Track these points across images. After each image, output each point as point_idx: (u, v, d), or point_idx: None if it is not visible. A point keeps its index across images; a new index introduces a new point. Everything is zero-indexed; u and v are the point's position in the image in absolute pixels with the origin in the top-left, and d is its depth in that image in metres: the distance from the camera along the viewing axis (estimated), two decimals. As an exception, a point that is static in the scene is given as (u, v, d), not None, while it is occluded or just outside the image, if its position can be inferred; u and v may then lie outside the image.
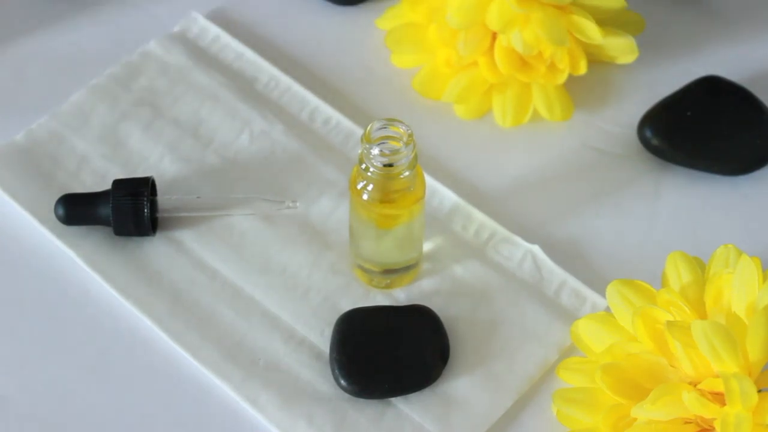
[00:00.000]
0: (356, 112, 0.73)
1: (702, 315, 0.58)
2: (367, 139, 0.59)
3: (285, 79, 0.74)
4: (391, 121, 0.59)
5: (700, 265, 0.60)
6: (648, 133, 0.70)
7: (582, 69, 0.71)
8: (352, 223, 0.63)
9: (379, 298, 0.65)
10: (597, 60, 0.73)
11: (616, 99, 0.74)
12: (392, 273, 0.65)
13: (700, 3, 0.78)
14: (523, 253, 0.67)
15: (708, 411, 0.54)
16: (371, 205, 0.61)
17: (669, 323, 0.55)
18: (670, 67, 0.75)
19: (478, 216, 0.68)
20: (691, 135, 0.70)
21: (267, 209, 0.66)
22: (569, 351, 0.63)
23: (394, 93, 0.74)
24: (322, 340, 0.64)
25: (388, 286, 0.65)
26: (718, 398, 0.55)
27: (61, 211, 0.65)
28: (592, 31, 0.69)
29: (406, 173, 0.60)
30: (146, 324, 0.64)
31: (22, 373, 0.63)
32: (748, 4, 0.79)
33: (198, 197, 0.66)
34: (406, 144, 0.59)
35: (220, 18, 0.77)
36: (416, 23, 0.72)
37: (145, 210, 0.64)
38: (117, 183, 0.65)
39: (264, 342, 0.64)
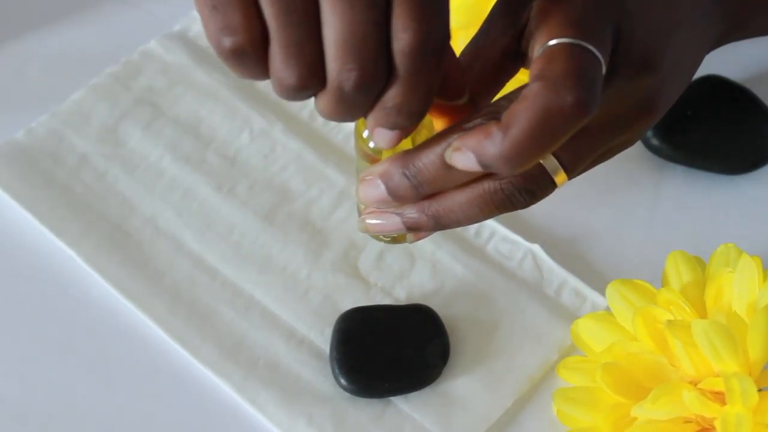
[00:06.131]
0: (356, 112, 0.73)
1: (702, 314, 0.58)
2: None
3: (285, 79, 0.73)
4: None
5: (700, 265, 0.60)
6: (648, 133, 0.70)
7: (582, 68, 0.71)
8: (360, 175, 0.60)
9: (379, 298, 0.65)
10: (597, 59, 0.72)
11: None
12: None
13: (700, 3, 0.78)
14: (523, 252, 0.67)
15: (708, 410, 0.54)
16: (379, 153, 0.58)
17: (669, 322, 0.55)
18: (670, 66, 0.75)
19: (479, 215, 0.68)
20: (691, 134, 0.70)
21: None
22: (569, 350, 0.63)
23: (395, 92, 0.74)
24: (323, 339, 0.64)
25: (395, 240, 0.62)
26: (719, 397, 0.55)
27: None
28: (592, 31, 0.69)
29: None
30: (146, 324, 0.64)
31: (22, 373, 0.63)
32: (749, 3, 0.79)
33: None
34: None
35: (220, 17, 0.77)
36: (416, 23, 0.72)
37: None
38: None
39: (264, 341, 0.64)
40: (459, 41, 0.70)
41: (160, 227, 0.67)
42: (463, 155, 0.44)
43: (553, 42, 0.45)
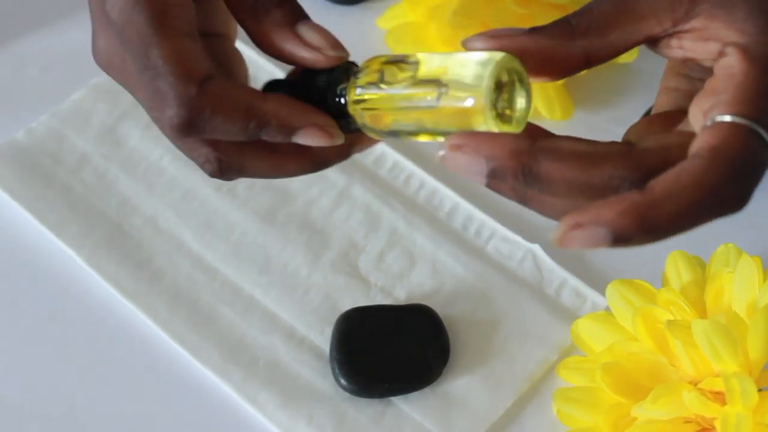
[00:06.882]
0: (356, 112, 0.73)
1: (702, 314, 0.58)
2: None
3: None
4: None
5: (700, 265, 0.60)
6: (648, 133, 0.70)
7: (582, 68, 0.71)
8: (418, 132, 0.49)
9: (379, 298, 0.65)
10: (597, 59, 0.72)
11: (616, 99, 0.74)
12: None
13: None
14: (523, 252, 0.67)
15: (708, 410, 0.54)
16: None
17: (669, 322, 0.55)
18: (670, 66, 0.75)
19: (479, 215, 0.68)
20: (692, 134, 0.70)
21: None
22: (569, 350, 0.63)
23: (395, 92, 0.74)
24: (323, 339, 0.63)
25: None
26: (719, 397, 0.55)
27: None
28: (592, 31, 0.69)
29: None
30: (146, 324, 0.64)
31: (22, 373, 0.63)
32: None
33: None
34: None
35: (220, 17, 0.77)
36: (417, 22, 0.72)
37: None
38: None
39: (264, 341, 0.64)
40: (459, 41, 0.70)
41: (160, 227, 0.67)
42: (595, 230, 0.40)
43: (732, 119, 0.41)
